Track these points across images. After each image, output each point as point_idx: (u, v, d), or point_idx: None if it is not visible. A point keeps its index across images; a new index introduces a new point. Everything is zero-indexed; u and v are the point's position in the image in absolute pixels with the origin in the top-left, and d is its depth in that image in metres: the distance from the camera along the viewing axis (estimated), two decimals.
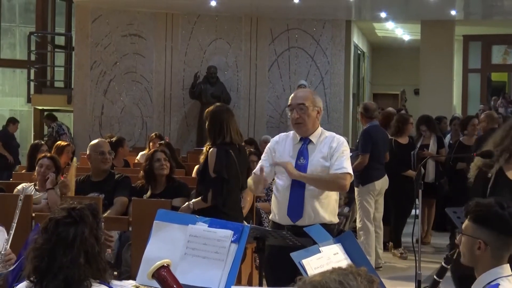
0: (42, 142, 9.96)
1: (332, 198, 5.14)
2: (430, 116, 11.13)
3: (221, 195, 6.12)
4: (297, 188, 5.01)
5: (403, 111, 11.42)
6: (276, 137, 5.31)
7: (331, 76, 15.61)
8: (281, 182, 5.11)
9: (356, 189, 8.85)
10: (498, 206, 3.26)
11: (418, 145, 10.24)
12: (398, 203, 9.36)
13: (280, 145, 5.19)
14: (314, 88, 15.08)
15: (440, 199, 10.38)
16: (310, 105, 5.04)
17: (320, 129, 5.17)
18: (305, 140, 5.10)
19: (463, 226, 3.34)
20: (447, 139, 11.26)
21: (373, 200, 8.93)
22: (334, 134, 5.24)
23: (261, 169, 4.98)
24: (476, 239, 3.25)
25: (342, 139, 5.18)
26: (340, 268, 2.04)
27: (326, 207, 5.07)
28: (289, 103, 5.13)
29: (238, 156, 6.25)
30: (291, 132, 5.22)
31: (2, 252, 4.50)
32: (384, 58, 21.61)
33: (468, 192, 4.62)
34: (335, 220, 5.20)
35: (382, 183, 8.95)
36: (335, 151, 5.03)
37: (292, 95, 5.20)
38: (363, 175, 8.80)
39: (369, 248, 8.44)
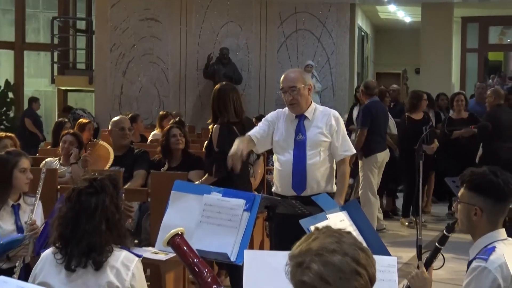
0: (66, 120, 10.01)
1: (331, 170, 5.21)
2: (428, 93, 11.12)
3: (224, 168, 6.15)
4: (299, 163, 5.06)
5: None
6: (273, 114, 5.31)
7: (337, 57, 15.57)
8: (283, 158, 5.14)
9: (360, 161, 8.90)
10: (492, 174, 3.28)
11: None
12: (410, 177, 9.32)
13: (278, 123, 5.21)
14: (320, 68, 15.14)
15: (438, 172, 10.37)
16: (301, 85, 5.06)
17: (313, 104, 5.19)
18: (300, 117, 5.12)
19: (460, 194, 3.37)
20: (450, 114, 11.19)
21: (376, 172, 8.99)
22: (327, 109, 5.29)
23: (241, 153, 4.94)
24: (472, 206, 3.27)
25: (337, 114, 5.24)
26: (323, 232, 2.03)
27: (327, 178, 5.14)
28: (281, 87, 5.14)
29: (242, 132, 6.21)
30: (286, 109, 5.23)
31: (28, 222, 4.57)
32: (387, 39, 21.57)
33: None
34: (335, 189, 5.23)
35: (384, 156, 9.01)
36: (337, 131, 5.10)
37: (282, 77, 5.18)
38: (366, 148, 8.85)
39: (371, 219, 8.45)
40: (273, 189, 5.33)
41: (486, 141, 9.52)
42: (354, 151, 5.29)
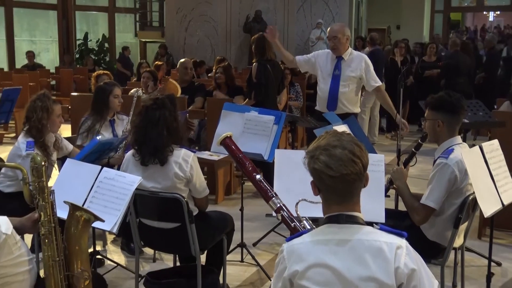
0: (144, 61, 10.03)
1: (356, 97, 5.17)
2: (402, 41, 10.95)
3: (260, 94, 6.16)
4: (333, 90, 5.03)
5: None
6: (321, 52, 5.27)
7: (340, 17, 15.23)
8: (323, 85, 5.11)
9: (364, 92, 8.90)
10: (447, 95, 3.30)
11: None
12: (395, 102, 9.20)
13: (322, 58, 5.15)
14: (327, 25, 14.70)
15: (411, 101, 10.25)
16: (341, 36, 4.99)
17: (349, 49, 5.10)
18: (339, 58, 5.06)
19: (425, 114, 3.37)
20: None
21: (373, 100, 8.95)
22: (360, 53, 5.26)
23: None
24: (435, 120, 3.28)
25: (366, 57, 5.16)
26: (330, 134, 2.02)
27: (351, 102, 5.10)
28: (327, 35, 5.10)
29: (273, 69, 6.27)
30: (328, 51, 5.16)
31: (124, 131, 4.65)
32: (376, 3, 20.98)
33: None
34: (358, 110, 5.24)
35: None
36: (367, 70, 5.05)
37: (329, 29, 5.13)
38: None
39: (364, 130, 8.49)
40: (316, 107, 5.27)
41: (447, 76, 9.42)
42: (380, 83, 5.22)
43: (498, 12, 22.84)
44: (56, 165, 4.22)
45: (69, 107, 7.22)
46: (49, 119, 3.90)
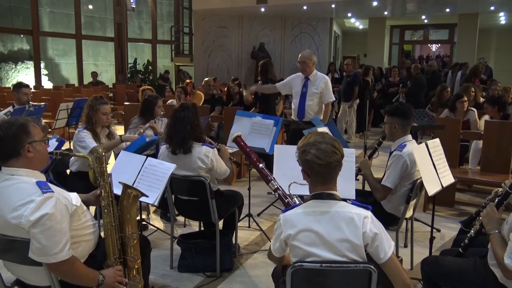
0: (169, 88, 9.93)
1: (319, 108, 4.96)
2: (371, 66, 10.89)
3: (263, 104, 6.12)
4: (302, 103, 4.90)
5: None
6: (295, 75, 5.10)
7: (322, 47, 15.23)
8: (295, 100, 5.00)
9: (347, 103, 8.85)
10: (400, 104, 3.31)
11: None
12: (363, 110, 9.12)
13: (296, 79, 5.02)
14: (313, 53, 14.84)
15: (375, 110, 10.18)
16: (309, 61, 4.86)
17: (314, 71, 4.96)
18: (306, 78, 4.93)
19: (385, 120, 3.34)
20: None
21: (356, 109, 8.93)
22: (323, 74, 5.03)
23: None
24: (392, 123, 3.25)
25: (327, 78, 4.98)
26: (314, 134, 2.00)
27: (316, 112, 4.93)
28: (298, 59, 4.94)
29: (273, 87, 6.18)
30: (300, 74, 5.02)
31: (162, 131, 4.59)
32: (349, 38, 20.95)
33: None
34: (321, 117, 5.01)
35: (358, 101, 8.93)
36: (325, 87, 4.88)
37: (300, 55, 4.97)
38: (350, 99, 8.77)
39: (341, 132, 8.43)
40: (291, 116, 5.22)
41: (412, 93, 9.20)
42: (334, 99, 5.04)
43: (439, 45, 22.74)
44: (113, 155, 4.22)
45: (123, 113, 7.23)
46: (95, 115, 3.90)
